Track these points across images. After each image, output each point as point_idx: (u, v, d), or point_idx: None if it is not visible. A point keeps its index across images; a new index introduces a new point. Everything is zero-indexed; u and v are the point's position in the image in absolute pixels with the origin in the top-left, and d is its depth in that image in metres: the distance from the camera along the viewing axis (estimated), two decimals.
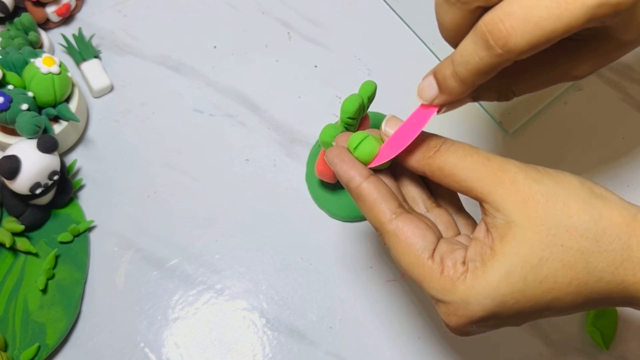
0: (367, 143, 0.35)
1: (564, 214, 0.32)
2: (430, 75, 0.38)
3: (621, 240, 0.32)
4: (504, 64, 0.32)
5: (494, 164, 0.33)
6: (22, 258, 0.50)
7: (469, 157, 0.34)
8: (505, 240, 0.32)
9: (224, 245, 0.52)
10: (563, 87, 0.59)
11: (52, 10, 0.57)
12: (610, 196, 0.34)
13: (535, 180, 0.33)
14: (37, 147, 0.47)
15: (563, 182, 0.33)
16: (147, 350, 0.49)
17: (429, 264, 0.33)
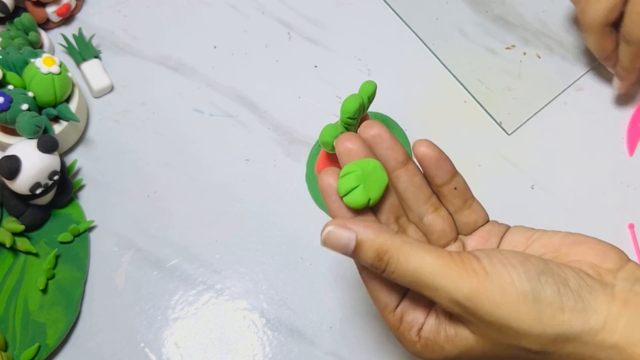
0: (355, 195, 0.34)
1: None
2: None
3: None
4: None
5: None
6: (22, 258, 0.50)
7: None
8: (463, 336, 0.33)
9: (224, 245, 0.52)
10: (563, 87, 0.59)
11: (52, 11, 0.57)
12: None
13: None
14: (38, 147, 0.47)
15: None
16: (147, 350, 0.49)
17: (390, 317, 0.35)
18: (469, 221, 0.39)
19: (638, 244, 0.53)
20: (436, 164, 0.37)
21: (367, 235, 0.33)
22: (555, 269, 0.32)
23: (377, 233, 0.33)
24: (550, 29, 0.61)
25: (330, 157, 0.48)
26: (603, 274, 0.32)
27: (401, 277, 0.32)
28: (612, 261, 0.33)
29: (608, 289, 0.31)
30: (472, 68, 0.59)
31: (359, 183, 0.34)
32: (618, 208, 0.55)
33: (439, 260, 0.32)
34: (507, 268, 0.32)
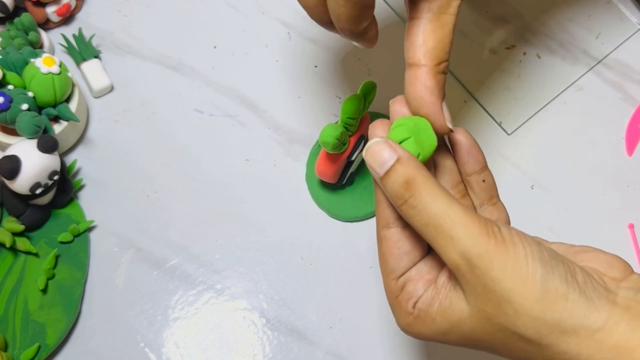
0: (407, 145, 0.33)
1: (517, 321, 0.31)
2: None
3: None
4: None
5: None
6: (22, 258, 0.50)
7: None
8: (458, 308, 0.32)
9: (224, 245, 0.52)
10: (563, 87, 0.59)
11: (52, 10, 0.57)
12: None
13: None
14: (37, 147, 0.47)
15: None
16: (147, 350, 0.49)
17: (392, 283, 0.35)
18: (491, 218, 0.38)
19: (638, 244, 0.53)
20: (469, 151, 0.37)
21: (407, 162, 0.32)
22: (565, 260, 0.32)
23: (416, 165, 0.32)
24: (550, 29, 0.61)
25: (330, 157, 0.48)
26: (607, 281, 0.32)
27: (419, 216, 0.31)
28: (616, 270, 0.33)
29: (611, 295, 0.31)
30: (472, 68, 0.59)
31: (410, 135, 0.33)
32: (618, 208, 0.55)
33: (464, 212, 0.31)
34: (524, 243, 0.31)
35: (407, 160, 0.32)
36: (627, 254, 0.53)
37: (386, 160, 0.32)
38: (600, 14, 0.62)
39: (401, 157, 0.32)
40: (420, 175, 0.32)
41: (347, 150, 0.48)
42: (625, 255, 0.54)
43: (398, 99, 0.36)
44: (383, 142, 0.33)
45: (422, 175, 0.32)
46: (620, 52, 0.60)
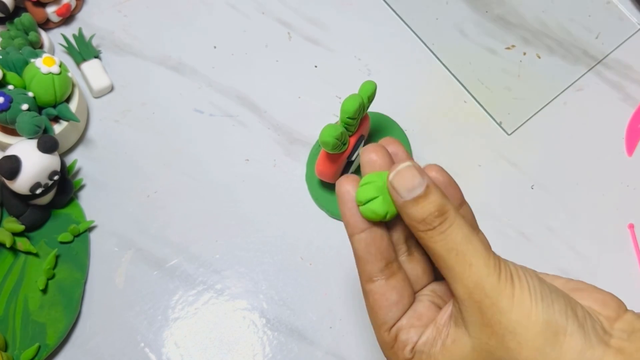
0: (375, 205, 0.33)
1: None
2: None
3: None
4: None
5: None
6: (22, 258, 0.50)
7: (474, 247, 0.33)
8: (460, 343, 0.32)
9: (224, 245, 0.52)
10: (563, 87, 0.59)
11: (53, 11, 0.57)
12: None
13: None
14: (38, 147, 0.47)
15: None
16: (147, 350, 0.49)
17: (385, 335, 0.34)
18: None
19: (638, 244, 0.53)
20: (445, 189, 0.36)
21: (436, 190, 0.32)
22: (565, 295, 0.32)
23: (443, 194, 0.33)
24: (550, 29, 0.61)
25: (330, 157, 0.48)
26: (602, 320, 0.33)
27: (444, 242, 0.32)
28: (611, 309, 0.33)
29: (606, 336, 0.31)
30: (472, 68, 0.59)
31: (378, 194, 0.32)
32: (618, 208, 0.55)
33: (482, 244, 0.32)
34: (527, 277, 0.32)
35: (436, 188, 0.33)
36: (627, 254, 0.53)
37: (418, 184, 0.32)
38: (600, 14, 0.62)
39: (430, 185, 0.32)
40: (449, 203, 0.33)
41: (347, 150, 0.48)
42: (625, 255, 0.54)
43: (369, 148, 0.35)
44: (413, 167, 0.33)
45: (451, 204, 0.33)
46: (620, 52, 0.60)
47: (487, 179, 0.55)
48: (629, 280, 0.52)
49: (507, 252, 0.53)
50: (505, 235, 0.53)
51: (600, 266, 0.53)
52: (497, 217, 0.54)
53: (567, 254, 0.53)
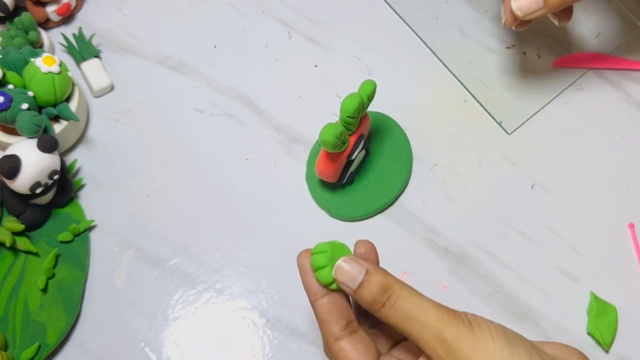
0: (324, 273, 0.36)
1: None
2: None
3: None
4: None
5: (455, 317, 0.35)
6: (22, 257, 0.50)
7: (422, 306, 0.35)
8: None
9: (224, 245, 0.52)
10: (563, 87, 0.59)
11: (53, 10, 0.57)
12: None
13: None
14: (38, 146, 0.47)
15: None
16: (147, 349, 0.49)
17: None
18: None
19: (638, 243, 0.53)
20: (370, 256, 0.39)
21: (375, 271, 0.36)
22: (530, 341, 0.34)
23: (384, 271, 0.36)
24: (550, 28, 0.61)
25: (331, 156, 0.48)
26: None
27: (397, 314, 0.35)
28: (574, 356, 0.35)
29: None
30: (472, 68, 0.59)
31: (327, 263, 0.36)
32: (618, 208, 0.55)
33: (433, 303, 0.35)
34: (488, 324, 0.34)
35: (375, 270, 0.36)
36: (627, 254, 0.53)
37: (357, 274, 0.36)
38: (600, 14, 0.62)
39: (369, 269, 0.36)
40: (391, 279, 0.36)
41: (347, 150, 0.48)
42: (625, 255, 0.54)
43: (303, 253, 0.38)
44: (349, 259, 0.36)
45: (393, 279, 0.36)
46: (621, 52, 0.60)
47: (487, 179, 0.55)
48: (629, 280, 0.52)
49: (507, 252, 0.53)
50: (506, 235, 0.53)
51: (600, 266, 0.53)
52: (497, 217, 0.54)
53: (567, 253, 0.53)
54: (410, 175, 0.55)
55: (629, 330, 0.51)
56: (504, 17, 0.50)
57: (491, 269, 0.52)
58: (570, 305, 0.52)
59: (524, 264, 0.53)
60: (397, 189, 0.54)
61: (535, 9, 0.47)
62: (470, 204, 0.54)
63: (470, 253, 0.53)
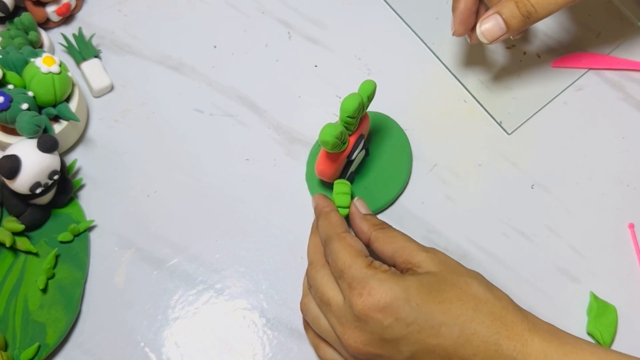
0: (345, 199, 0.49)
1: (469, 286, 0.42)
2: (496, 17, 0.49)
3: (500, 309, 0.40)
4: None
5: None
6: (22, 258, 0.50)
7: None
8: (423, 269, 0.42)
9: (224, 245, 0.52)
10: (563, 87, 0.59)
11: (52, 10, 0.57)
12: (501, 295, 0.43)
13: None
14: (37, 146, 0.47)
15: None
16: (147, 349, 0.49)
17: (362, 257, 0.42)
18: None
19: (638, 243, 0.53)
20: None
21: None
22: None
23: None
24: (549, 28, 0.61)
25: (330, 156, 0.48)
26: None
27: (384, 235, 0.46)
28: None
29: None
30: (472, 68, 0.59)
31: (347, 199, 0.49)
32: (618, 208, 0.55)
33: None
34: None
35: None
36: (627, 254, 0.53)
37: (367, 209, 0.50)
38: (600, 14, 0.62)
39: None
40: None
41: (347, 150, 0.48)
42: (625, 255, 0.54)
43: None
44: (361, 199, 0.51)
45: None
46: (620, 52, 0.60)
47: (487, 179, 0.55)
48: (628, 280, 0.52)
49: (507, 252, 0.53)
50: (506, 235, 0.53)
51: (600, 266, 0.53)
52: (497, 217, 0.54)
53: (567, 253, 0.53)
54: (410, 175, 0.55)
55: (629, 330, 0.51)
56: (453, 28, 0.53)
57: (491, 269, 0.52)
58: (570, 305, 0.52)
59: (524, 264, 0.53)
60: (397, 189, 0.54)
61: (499, 34, 0.49)
62: (470, 204, 0.54)
63: (470, 253, 0.53)
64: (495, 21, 0.49)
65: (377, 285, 0.40)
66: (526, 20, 0.49)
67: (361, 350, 0.41)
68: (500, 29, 0.49)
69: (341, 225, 0.46)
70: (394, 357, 0.40)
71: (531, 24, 0.49)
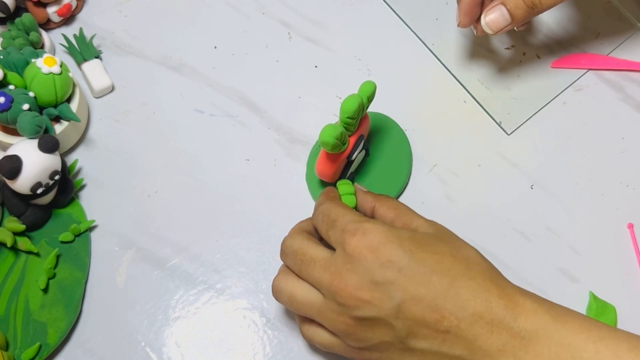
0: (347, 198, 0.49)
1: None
2: (500, 8, 0.50)
3: (491, 273, 0.41)
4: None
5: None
6: (23, 258, 0.50)
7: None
8: (420, 230, 0.43)
9: (225, 245, 0.52)
10: (562, 87, 0.59)
11: (53, 11, 0.57)
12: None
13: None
14: (38, 147, 0.47)
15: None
16: (148, 349, 0.49)
17: (355, 212, 0.44)
18: None
19: (637, 244, 0.54)
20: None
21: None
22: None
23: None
24: (549, 28, 0.61)
25: (330, 156, 0.49)
26: None
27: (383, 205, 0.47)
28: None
29: None
30: (472, 68, 0.59)
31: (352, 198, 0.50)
32: (617, 208, 0.55)
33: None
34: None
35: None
36: (627, 254, 0.53)
37: (505, 15, 0.51)
38: (600, 14, 0.62)
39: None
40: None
41: (347, 150, 0.49)
42: (624, 256, 0.54)
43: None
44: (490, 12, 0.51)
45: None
46: (620, 52, 0.60)
47: (487, 179, 0.55)
48: (628, 280, 0.53)
49: (507, 252, 0.53)
50: (505, 235, 0.54)
51: (600, 266, 0.53)
52: (497, 217, 0.54)
53: (567, 253, 0.53)
54: (410, 175, 0.55)
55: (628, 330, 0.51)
56: (458, 19, 0.53)
57: None
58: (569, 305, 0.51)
59: (523, 263, 0.53)
60: (397, 189, 0.54)
61: (504, 25, 0.50)
62: (470, 204, 0.55)
63: None
64: (500, 12, 0.50)
65: (370, 226, 0.40)
66: (531, 11, 0.49)
67: (352, 294, 0.40)
68: (505, 19, 0.50)
69: (338, 199, 0.47)
70: (384, 305, 0.39)
71: (536, 14, 0.50)
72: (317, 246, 0.43)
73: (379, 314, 0.39)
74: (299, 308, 0.43)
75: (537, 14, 0.50)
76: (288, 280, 0.44)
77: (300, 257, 0.43)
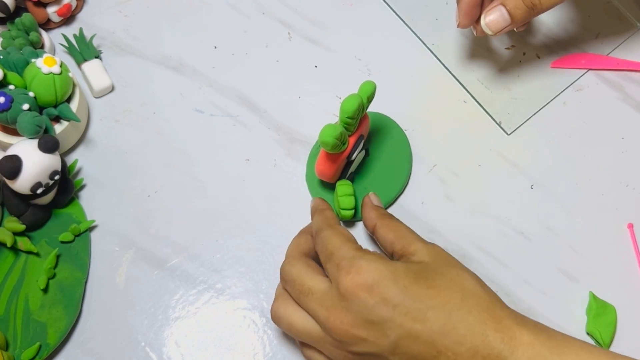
0: (348, 202, 0.50)
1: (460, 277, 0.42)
2: (500, 8, 0.50)
3: (488, 303, 0.41)
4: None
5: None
6: (23, 258, 0.50)
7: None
8: (416, 258, 0.43)
9: (225, 245, 0.52)
10: (562, 87, 0.59)
11: (53, 11, 0.57)
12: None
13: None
14: (38, 147, 0.47)
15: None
16: (148, 349, 0.49)
17: (352, 242, 0.43)
18: None
19: (637, 244, 0.54)
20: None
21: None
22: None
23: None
24: (549, 28, 0.61)
25: (330, 156, 0.49)
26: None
27: (385, 225, 0.47)
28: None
29: None
30: (472, 68, 0.59)
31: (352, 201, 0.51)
32: (617, 208, 0.55)
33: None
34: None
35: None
36: (626, 254, 0.53)
37: (379, 201, 0.51)
38: (600, 14, 0.62)
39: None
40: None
41: (347, 150, 0.49)
42: (624, 255, 0.54)
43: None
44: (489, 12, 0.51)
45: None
46: (620, 52, 0.60)
47: (487, 179, 0.55)
48: (628, 280, 0.53)
49: (507, 252, 0.54)
50: (505, 235, 0.54)
51: (600, 266, 0.53)
52: (497, 217, 0.54)
53: (567, 253, 0.53)
54: (410, 175, 0.55)
55: (628, 330, 0.51)
56: (458, 20, 0.53)
57: (491, 269, 0.52)
58: (569, 305, 0.52)
59: (523, 264, 0.53)
60: (397, 189, 0.54)
61: (504, 26, 0.50)
62: (470, 204, 0.55)
63: (469, 253, 0.53)
64: (500, 12, 0.50)
65: (365, 264, 0.40)
66: (530, 11, 0.49)
67: (347, 332, 0.40)
68: (505, 20, 0.50)
69: (334, 219, 0.47)
70: (380, 342, 0.39)
71: (535, 15, 0.50)
72: (315, 276, 0.43)
73: (375, 350, 0.39)
74: (298, 336, 0.44)
75: (537, 14, 0.50)
76: (287, 307, 0.44)
77: (298, 287, 0.43)
